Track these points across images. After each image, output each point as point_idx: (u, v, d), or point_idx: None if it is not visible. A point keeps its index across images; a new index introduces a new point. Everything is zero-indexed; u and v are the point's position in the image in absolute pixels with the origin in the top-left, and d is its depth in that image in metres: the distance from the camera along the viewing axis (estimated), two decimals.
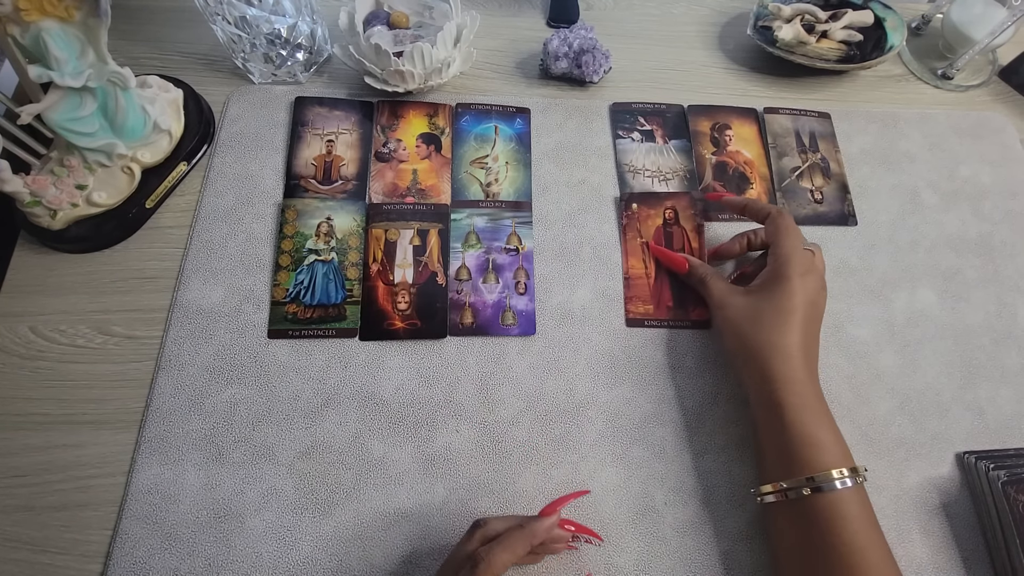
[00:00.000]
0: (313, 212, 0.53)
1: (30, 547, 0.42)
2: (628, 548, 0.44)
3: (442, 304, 0.51)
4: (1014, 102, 0.69)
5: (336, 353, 0.49)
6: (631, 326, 0.52)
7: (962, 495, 0.48)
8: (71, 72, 0.45)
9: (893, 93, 0.68)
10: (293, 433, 0.46)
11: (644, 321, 0.52)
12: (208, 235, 0.52)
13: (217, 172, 0.55)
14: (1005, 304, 0.56)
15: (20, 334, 0.48)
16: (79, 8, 0.44)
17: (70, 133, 0.48)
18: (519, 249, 0.54)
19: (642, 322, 0.52)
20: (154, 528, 0.42)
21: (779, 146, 0.61)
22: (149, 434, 0.45)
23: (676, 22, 0.70)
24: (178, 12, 0.63)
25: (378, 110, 0.59)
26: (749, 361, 0.44)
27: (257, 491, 0.44)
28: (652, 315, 0.52)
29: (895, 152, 0.63)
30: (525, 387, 0.49)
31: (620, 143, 0.60)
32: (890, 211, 0.59)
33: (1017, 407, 0.52)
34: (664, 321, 0.52)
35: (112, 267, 0.51)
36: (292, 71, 0.59)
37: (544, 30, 0.67)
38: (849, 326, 0.54)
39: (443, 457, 0.46)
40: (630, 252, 0.55)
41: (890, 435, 0.50)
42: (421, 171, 0.56)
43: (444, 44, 0.55)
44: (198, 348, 0.48)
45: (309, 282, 0.51)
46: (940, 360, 0.53)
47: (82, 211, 0.50)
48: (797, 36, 0.62)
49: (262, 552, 0.42)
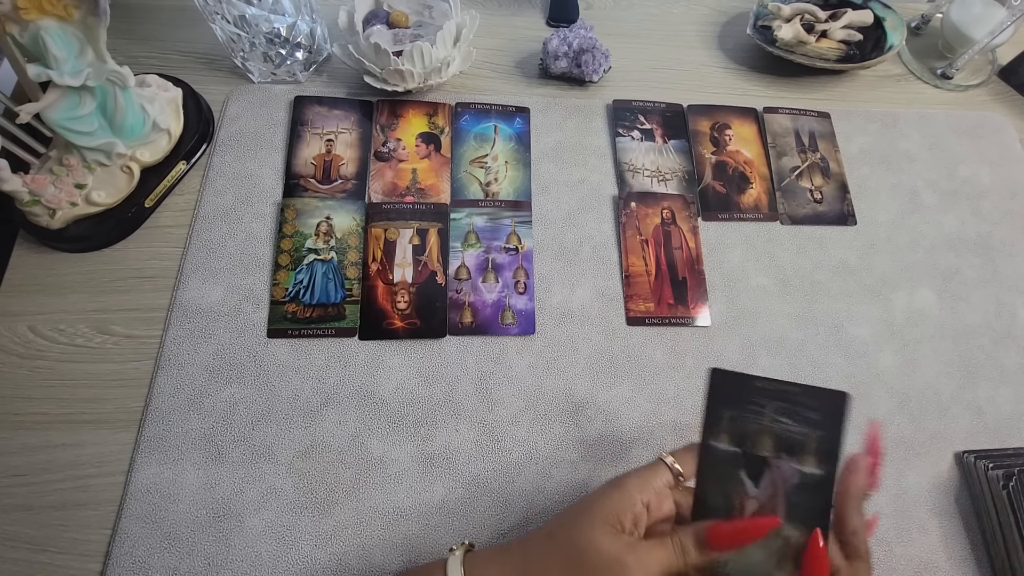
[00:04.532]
0: (312, 211, 0.53)
1: (29, 546, 0.42)
2: None
3: (441, 303, 0.51)
4: (1013, 102, 0.69)
5: (335, 352, 0.49)
6: (632, 324, 0.52)
7: (961, 494, 0.48)
8: (70, 71, 0.45)
9: (893, 93, 0.68)
10: (292, 432, 0.46)
11: (645, 319, 0.52)
12: (207, 234, 0.52)
13: (216, 171, 0.55)
14: (1004, 304, 0.56)
15: (19, 333, 0.48)
16: (78, 7, 0.44)
17: (69, 132, 0.47)
18: (518, 248, 0.54)
19: (643, 320, 0.52)
20: (153, 527, 0.42)
21: (779, 146, 0.61)
22: (148, 433, 0.45)
23: (676, 21, 0.70)
24: (177, 11, 0.63)
25: (377, 109, 0.59)
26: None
27: (256, 490, 0.44)
28: (653, 313, 0.52)
29: (895, 152, 0.63)
30: (525, 386, 0.49)
31: (620, 141, 0.60)
32: (889, 211, 0.59)
33: (1016, 407, 0.52)
34: (665, 319, 0.52)
35: (111, 266, 0.51)
36: (291, 70, 0.59)
37: (544, 29, 0.67)
38: (848, 326, 0.54)
39: (442, 456, 0.46)
40: (630, 250, 0.55)
41: (889, 434, 0.50)
42: (420, 170, 0.56)
43: (444, 43, 0.55)
44: (197, 347, 0.48)
45: (308, 281, 0.51)
46: (939, 360, 0.53)
47: (81, 210, 0.50)
48: (797, 36, 0.62)
49: (261, 551, 0.42)
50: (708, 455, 0.34)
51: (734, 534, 0.32)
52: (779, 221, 0.58)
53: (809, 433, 0.32)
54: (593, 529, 0.33)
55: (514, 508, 0.45)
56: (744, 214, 0.58)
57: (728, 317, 0.53)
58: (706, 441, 0.34)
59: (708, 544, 0.32)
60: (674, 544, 0.33)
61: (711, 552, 0.32)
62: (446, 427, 0.47)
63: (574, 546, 0.33)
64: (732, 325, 0.53)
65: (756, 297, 0.54)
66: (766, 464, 0.33)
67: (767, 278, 0.55)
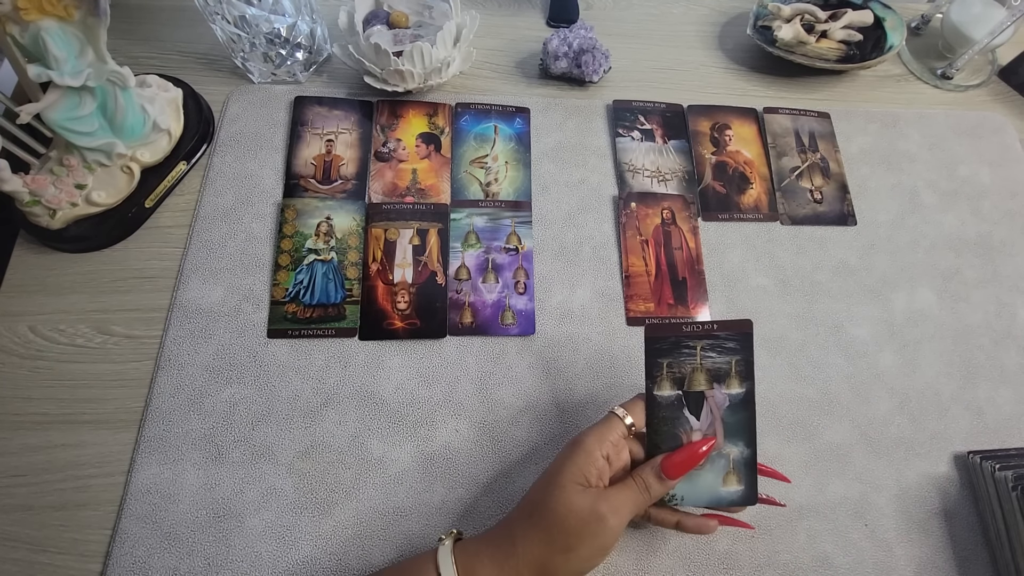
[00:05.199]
0: (313, 212, 0.53)
1: (29, 546, 0.42)
2: (628, 548, 0.44)
3: (441, 304, 0.51)
4: (1013, 102, 0.69)
5: (336, 353, 0.49)
6: (632, 325, 0.52)
7: (962, 494, 0.48)
8: (70, 71, 0.45)
9: (893, 93, 0.68)
10: (293, 433, 0.46)
11: (645, 319, 0.52)
12: (207, 235, 0.52)
13: (217, 172, 0.55)
14: (1004, 304, 0.56)
15: (19, 333, 0.48)
16: (78, 7, 0.44)
17: (69, 132, 0.47)
18: (518, 249, 0.54)
19: (643, 320, 0.52)
20: (153, 528, 0.42)
21: (779, 146, 0.61)
22: (148, 434, 0.45)
23: (676, 22, 0.70)
24: (178, 11, 0.63)
25: (377, 110, 0.59)
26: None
27: (256, 491, 0.44)
28: (653, 313, 0.52)
29: (894, 152, 0.63)
30: (525, 387, 0.49)
31: (620, 141, 0.60)
32: (889, 211, 0.59)
33: (1016, 407, 0.52)
34: (665, 319, 0.52)
35: (111, 267, 0.51)
36: (292, 70, 0.59)
37: (544, 30, 0.67)
38: (849, 326, 0.54)
39: (442, 456, 0.46)
40: (630, 250, 0.55)
41: (890, 435, 0.50)
42: (421, 171, 0.56)
43: (444, 44, 0.55)
44: (197, 348, 0.48)
45: (309, 282, 0.51)
46: (939, 360, 0.53)
47: (81, 210, 0.50)
48: (797, 36, 0.63)
49: (261, 551, 0.42)
50: (654, 404, 0.39)
51: (685, 459, 0.37)
52: (779, 221, 0.58)
53: (730, 360, 0.38)
54: (564, 491, 0.36)
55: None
56: (744, 214, 0.58)
57: (728, 317, 0.53)
58: (651, 392, 0.39)
59: (665, 474, 0.37)
60: (637, 483, 0.37)
61: (669, 481, 0.37)
62: (446, 427, 0.47)
63: (552, 513, 0.35)
64: None
65: (756, 297, 0.54)
66: (703, 398, 0.39)
67: (767, 278, 0.55)
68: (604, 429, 0.38)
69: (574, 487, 0.36)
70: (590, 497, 0.35)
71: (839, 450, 0.49)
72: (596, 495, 0.35)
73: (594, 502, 0.35)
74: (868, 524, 0.46)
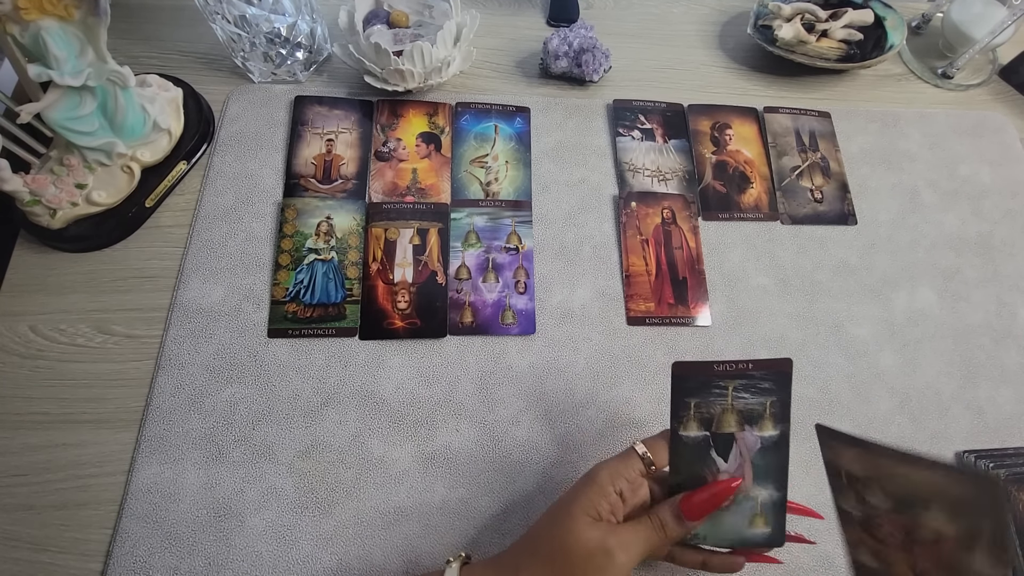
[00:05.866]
0: (313, 211, 0.53)
1: (30, 546, 0.42)
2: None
3: (442, 303, 0.51)
4: (1014, 101, 0.69)
5: (336, 352, 0.49)
6: (632, 324, 0.52)
7: None
8: (70, 71, 0.45)
9: (893, 92, 0.68)
10: (293, 432, 0.46)
11: (645, 319, 0.52)
12: (208, 234, 0.52)
13: (217, 171, 0.55)
14: (1005, 304, 0.56)
15: (20, 333, 0.48)
16: (78, 7, 0.44)
17: (69, 132, 0.47)
18: (519, 248, 0.54)
19: (643, 320, 0.52)
20: (154, 527, 0.42)
21: (779, 145, 0.61)
22: (149, 433, 0.45)
23: (676, 21, 0.70)
24: (178, 11, 0.63)
25: (378, 109, 0.59)
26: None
27: (257, 490, 0.44)
28: (653, 312, 0.52)
29: (895, 151, 0.63)
30: (525, 386, 0.49)
31: (620, 141, 0.60)
32: (890, 210, 0.59)
33: (1017, 406, 0.52)
34: (665, 319, 0.52)
35: (112, 266, 0.51)
36: (292, 70, 0.59)
37: (544, 29, 0.67)
38: (849, 325, 0.54)
39: (443, 456, 0.46)
40: (630, 249, 0.55)
41: (890, 434, 0.50)
42: (421, 170, 0.56)
43: (444, 43, 0.55)
44: (198, 347, 0.48)
45: (309, 281, 0.51)
46: (940, 359, 0.53)
47: (82, 210, 0.50)
48: (797, 35, 0.62)
49: (262, 551, 0.42)
50: (679, 444, 0.36)
51: (706, 500, 0.35)
52: (779, 221, 0.58)
53: (764, 401, 0.35)
54: (574, 522, 0.34)
55: (514, 508, 0.45)
56: (744, 214, 0.58)
57: (728, 317, 0.53)
58: (676, 433, 0.36)
59: (684, 515, 0.35)
60: (652, 521, 0.35)
61: (688, 522, 0.35)
62: (446, 427, 0.47)
63: (559, 544, 0.34)
64: (732, 325, 0.53)
65: (756, 297, 0.54)
66: (732, 439, 0.36)
67: (767, 278, 0.55)
68: (620, 464, 0.36)
69: (584, 518, 0.34)
70: (600, 530, 0.34)
71: None
72: (607, 529, 0.34)
73: (604, 536, 0.33)
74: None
